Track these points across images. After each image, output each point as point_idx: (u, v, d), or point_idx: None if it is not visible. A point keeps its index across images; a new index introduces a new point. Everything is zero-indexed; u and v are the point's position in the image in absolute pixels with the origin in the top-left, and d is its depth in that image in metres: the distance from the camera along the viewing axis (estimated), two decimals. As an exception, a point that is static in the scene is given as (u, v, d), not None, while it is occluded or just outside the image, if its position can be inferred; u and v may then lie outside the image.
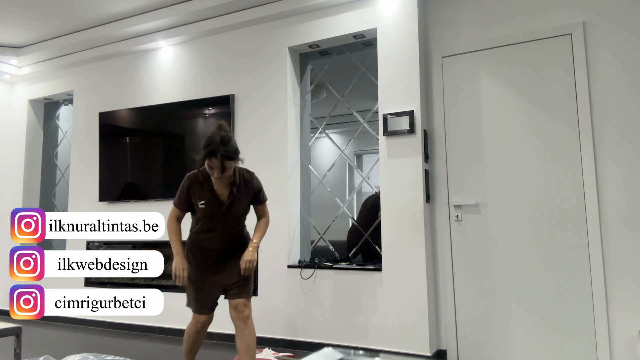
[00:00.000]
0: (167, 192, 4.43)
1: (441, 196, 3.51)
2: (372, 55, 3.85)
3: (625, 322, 2.91)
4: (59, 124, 5.75)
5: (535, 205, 3.20)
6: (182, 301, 2.86)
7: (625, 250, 2.94)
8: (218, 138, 2.44)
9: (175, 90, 4.52)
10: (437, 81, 3.58)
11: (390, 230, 3.46)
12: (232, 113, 4.15)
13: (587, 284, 3.02)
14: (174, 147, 4.44)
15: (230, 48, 4.28)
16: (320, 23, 3.87)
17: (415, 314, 3.30)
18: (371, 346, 3.44)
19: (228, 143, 2.45)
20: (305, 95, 4.19)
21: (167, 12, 4.23)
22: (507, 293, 3.24)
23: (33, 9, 4.29)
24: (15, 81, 5.65)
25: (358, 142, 6.99)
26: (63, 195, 5.66)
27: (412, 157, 3.43)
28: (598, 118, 3.07)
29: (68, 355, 2.59)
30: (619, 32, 3.06)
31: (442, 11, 3.62)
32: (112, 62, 4.95)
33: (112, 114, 4.81)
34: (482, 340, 3.30)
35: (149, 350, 3.77)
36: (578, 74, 3.13)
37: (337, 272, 3.63)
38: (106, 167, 4.79)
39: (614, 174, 3.00)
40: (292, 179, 3.94)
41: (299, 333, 3.71)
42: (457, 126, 3.50)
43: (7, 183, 5.54)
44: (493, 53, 3.43)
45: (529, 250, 3.20)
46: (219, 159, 2.42)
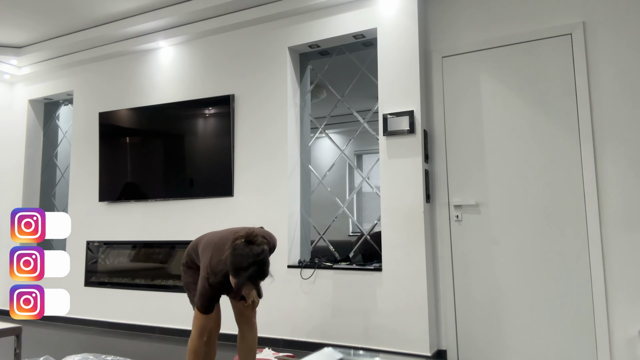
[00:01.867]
0: (167, 192, 4.43)
1: (441, 196, 3.51)
2: (372, 55, 3.85)
3: (625, 322, 2.91)
4: (59, 124, 5.75)
5: (535, 205, 3.20)
6: (181, 301, 2.85)
7: (625, 250, 2.94)
8: (249, 261, 2.19)
9: (175, 90, 4.52)
10: (437, 81, 3.58)
11: (390, 230, 3.46)
12: (232, 113, 4.16)
13: (587, 284, 3.02)
14: (174, 147, 4.44)
15: (230, 48, 4.28)
16: (320, 23, 3.87)
17: (415, 314, 3.31)
18: (371, 346, 3.44)
19: (265, 265, 2.24)
20: (305, 95, 4.19)
21: (167, 12, 4.23)
22: (507, 293, 3.24)
23: (33, 9, 4.29)
24: (15, 81, 5.65)
25: (358, 142, 6.99)
26: (63, 195, 5.67)
27: (412, 157, 3.43)
28: (598, 118, 3.07)
29: (68, 356, 2.58)
30: (619, 32, 3.06)
31: (442, 11, 3.62)
32: (112, 62, 4.95)
33: (112, 114, 4.81)
34: (482, 340, 3.30)
35: (149, 350, 3.77)
36: (578, 74, 3.13)
37: (337, 272, 3.63)
38: (106, 167, 4.79)
39: (614, 174, 3.00)
40: (292, 179, 3.94)
41: (299, 333, 3.71)
42: (457, 126, 3.50)
43: (7, 183, 5.54)
44: (493, 53, 3.43)
45: (529, 250, 3.20)
46: (255, 285, 2.26)
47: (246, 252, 2.20)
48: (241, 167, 4.10)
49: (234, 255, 2.21)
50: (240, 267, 2.18)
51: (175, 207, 4.39)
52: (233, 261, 2.20)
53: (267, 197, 3.95)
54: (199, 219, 4.23)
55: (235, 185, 4.11)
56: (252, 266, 2.17)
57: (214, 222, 4.15)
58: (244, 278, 2.18)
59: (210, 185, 4.20)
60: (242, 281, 2.19)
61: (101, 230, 4.80)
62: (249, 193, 4.04)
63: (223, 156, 4.15)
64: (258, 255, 2.20)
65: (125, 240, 4.65)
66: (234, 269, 2.20)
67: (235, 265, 2.19)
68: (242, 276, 2.18)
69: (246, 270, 2.17)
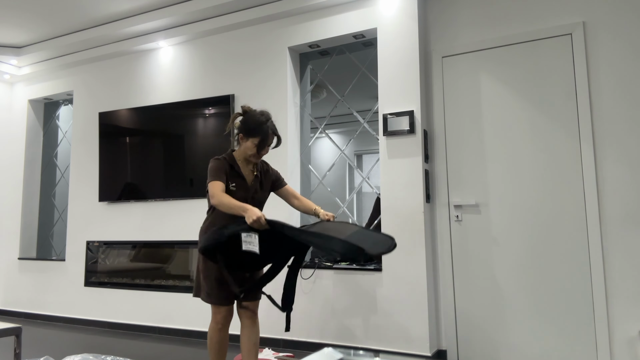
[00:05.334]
0: (167, 192, 4.43)
1: (441, 196, 3.51)
2: (372, 55, 3.85)
3: (625, 322, 2.91)
4: (59, 124, 5.75)
5: (535, 205, 3.21)
6: (182, 302, 2.85)
7: (625, 250, 2.94)
8: (265, 117, 2.49)
9: (175, 90, 4.53)
10: (437, 81, 3.58)
11: (390, 230, 3.46)
12: (232, 113, 4.16)
13: (587, 283, 3.02)
14: (174, 147, 4.44)
15: (230, 48, 4.28)
16: (320, 23, 3.87)
17: (415, 314, 3.31)
18: (371, 346, 3.44)
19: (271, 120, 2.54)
20: (305, 95, 4.19)
21: (167, 12, 4.23)
22: (507, 293, 3.24)
23: (33, 9, 4.29)
24: (15, 81, 5.65)
25: (358, 142, 6.99)
26: (63, 195, 5.67)
27: (412, 157, 3.43)
28: (598, 118, 3.07)
29: (68, 356, 2.58)
30: (619, 32, 3.06)
31: (442, 11, 3.62)
32: (112, 62, 4.95)
33: (112, 114, 4.81)
34: (482, 340, 3.30)
35: (149, 350, 3.77)
36: (578, 74, 3.14)
37: (337, 272, 3.63)
38: (106, 167, 4.79)
39: (614, 174, 3.00)
40: (292, 179, 3.94)
41: (299, 333, 3.71)
42: (457, 126, 3.51)
43: (7, 183, 5.55)
44: (493, 53, 3.43)
45: (529, 250, 3.20)
46: (275, 135, 2.51)
47: (256, 113, 2.49)
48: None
49: (248, 119, 2.48)
50: (259, 122, 2.45)
51: (175, 207, 4.39)
52: (253, 124, 2.46)
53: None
54: (199, 219, 4.23)
55: (235, 185, 4.10)
56: (268, 119, 2.47)
57: (214, 222, 4.15)
58: (266, 129, 2.44)
59: (210, 185, 4.19)
60: (265, 133, 2.44)
61: (101, 230, 4.80)
62: (249, 193, 4.04)
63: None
64: (264, 112, 2.50)
65: (125, 240, 4.65)
66: (252, 129, 2.45)
67: (257, 123, 2.45)
68: (263, 129, 2.44)
69: (266, 122, 2.45)
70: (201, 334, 4.07)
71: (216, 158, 2.59)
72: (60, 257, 5.15)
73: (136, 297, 4.48)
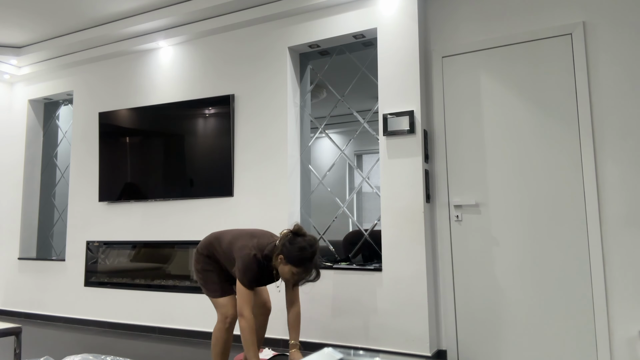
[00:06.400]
0: (167, 192, 4.43)
1: (441, 196, 3.51)
2: (372, 55, 3.85)
3: (625, 322, 2.91)
4: (59, 124, 5.75)
5: (536, 205, 3.21)
6: (182, 302, 2.85)
7: (625, 250, 2.94)
8: (311, 254, 2.48)
9: (175, 90, 4.53)
10: (437, 81, 3.58)
11: (390, 230, 3.46)
12: (232, 113, 4.16)
13: (587, 283, 3.02)
14: (174, 147, 4.44)
15: (230, 48, 4.28)
16: (320, 23, 3.87)
17: (415, 314, 3.31)
18: (371, 346, 3.44)
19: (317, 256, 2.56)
20: (305, 95, 4.19)
21: (167, 12, 4.23)
22: (507, 293, 3.24)
23: (33, 9, 4.29)
24: (15, 81, 5.65)
25: (358, 142, 6.99)
26: (63, 195, 5.67)
27: (412, 157, 3.43)
28: (598, 118, 3.07)
29: (68, 356, 2.58)
30: (619, 32, 3.06)
31: (442, 11, 3.62)
32: (112, 62, 4.95)
33: (112, 114, 4.81)
34: (482, 340, 3.30)
35: (149, 350, 3.77)
36: (578, 74, 3.14)
37: (337, 272, 3.63)
38: (106, 167, 4.79)
39: (614, 174, 3.00)
40: (292, 179, 3.94)
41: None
42: (457, 126, 3.51)
43: (7, 183, 5.54)
44: (493, 53, 3.43)
45: (529, 250, 3.20)
46: (315, 271, 2.54)
47: (304, 242, 2.47)
48: (241, 167, 4.10)
49: (295, 248, 2.45)
50: (304, 259, 2.44)
51: (175, 207, 4.39)
52: (292, 252, 2.44)
53: (267, 197, 3.96)
54: (199, 219, 4.23)
55: (235, 185, 4.11)
56: (314, 255, 2.47)
57: (214, 222, 4.15)
58: (310, 267, 2.47)
59: (210, 186, 4.20)
60: (308, 270, 2.47)
61: (101, 230, 4.80)
62: (249, 193, 4.04)
63: (223, 156, 4.15)
64: (313, 244, 2.48)
65: (125, 240, 4.65)
66: (295, 260, 2.43)
67: (297, 256, 2.43)
68: (307, 267, 2.46)
69: (310, 260, 2.46)
70: (201, 334, 4.07)
71: (255, 258, 2.54)
72: (60, 257, 5.15)
73: (136, 297, 4.48)
